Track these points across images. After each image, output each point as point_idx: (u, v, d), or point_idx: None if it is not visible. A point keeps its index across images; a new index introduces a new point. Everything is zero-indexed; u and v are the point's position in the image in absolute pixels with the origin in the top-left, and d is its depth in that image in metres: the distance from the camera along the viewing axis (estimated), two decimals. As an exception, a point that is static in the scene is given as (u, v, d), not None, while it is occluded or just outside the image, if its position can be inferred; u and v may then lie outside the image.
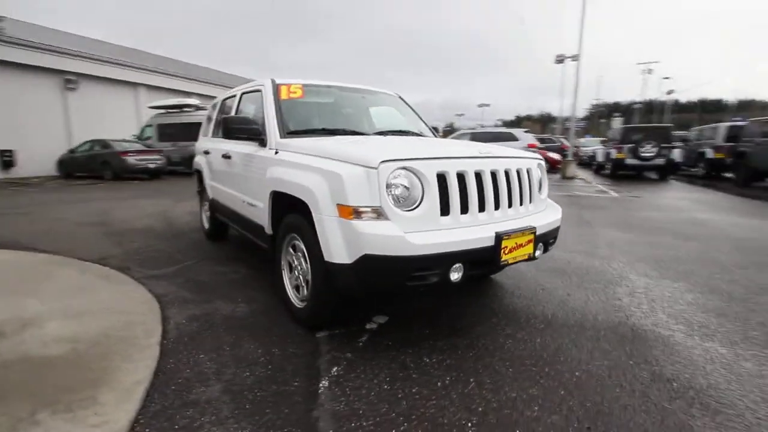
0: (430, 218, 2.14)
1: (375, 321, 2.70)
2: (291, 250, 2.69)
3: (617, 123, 29.11)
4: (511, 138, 12.77)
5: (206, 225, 5.09)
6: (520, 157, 2.64)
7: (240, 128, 3.05)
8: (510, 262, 2.31)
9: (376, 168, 2.05)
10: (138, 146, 14.10)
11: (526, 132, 14.41)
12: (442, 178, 2.18)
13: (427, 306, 2.96)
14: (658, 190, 10.84)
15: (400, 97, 4.12)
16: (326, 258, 2.18)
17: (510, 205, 2.47)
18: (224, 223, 4.69)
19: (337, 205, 2.11)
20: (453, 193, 2.20)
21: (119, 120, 18.03)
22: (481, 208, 2.31)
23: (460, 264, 2.12)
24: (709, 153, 13.20)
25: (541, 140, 16.79)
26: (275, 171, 2.71)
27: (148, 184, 12.41)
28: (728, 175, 12.69)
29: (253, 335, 2.51)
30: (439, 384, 2.01)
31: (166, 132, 15.67)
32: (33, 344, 2.36)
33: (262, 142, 3.05)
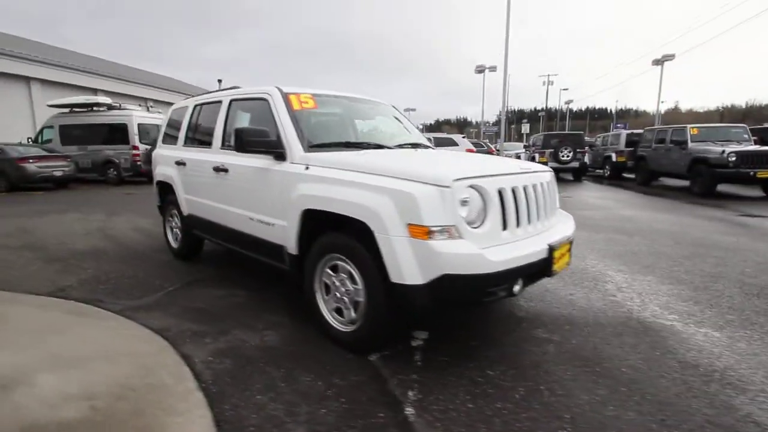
0: (494, 234, 2.19)
1: (417, 337, 2.68)
2: (329, 271, 2.55)
3: (526, 128, 32.07)
4: (452, 143, 13.41)
5: (174, 243, 4.58)
6: (543, 171, 2.82)
7: (257, 141, 2.81)
8: (557, 271, 2.46)
9: (449, 187, 2.05)
10: (38, 151, 12.08)
11: (463, 138, 15.25)
12: (500, 194, 2.25)
13: (456, 316, 3.01)
14: (578, 190, 12.19)
15: (394, 107, 4.12)
16: (394, 279, 2.12)
17: (542, 217, 2.63)
18: (199, 241, 4.29)
19: (408, 224, 2.07)
20: (509, 209, 2.28)
21: (9, 120, 15.30)
22: (529, 221, 2.43)
23: (522, 277, 2.21)
24: (613, 157, 15.22)
25: (475, 145, 17.88)
26: (309, 188, 2.55)
27: (55, 195, 10.73)
28: (629, 175, 14.78)
29: (303, 366, 2.33)
30: (516, 396, 2.07)
31: (72, 134, 13.71)
32: (35, 407, 1.94)
33: (280, 156, 2.84)
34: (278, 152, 2.84)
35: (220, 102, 3.69)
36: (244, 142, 2.81)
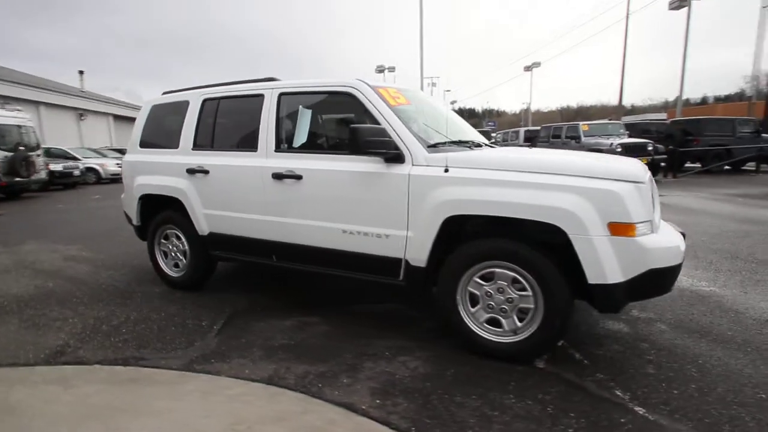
0: (653, 227, 2.29)
1: (553, 336, 2.66)
2: (479, 281, 2.36)
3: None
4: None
5: (173, 271, 3.69)
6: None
7: (374, 141, 2.41)
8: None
9: (644, 183, 2.07)
10: None
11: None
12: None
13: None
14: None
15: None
16: (593, 280, 2.06)
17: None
18: (212, 265, 3.55)
19: (609, 223, 2.03)
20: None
21: None
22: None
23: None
24: (514, 150, 17.19)
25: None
26: (458, 192, 2.30)
27: None
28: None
29: (488, 387, 2.11)
30: (690, 369, 2.21)
31: None
32: None
33: (396, 159, 2.50)
34: (394, 154, 2.49)
35: (259, 96, 3.07)
36: (361, 143, 2.40)
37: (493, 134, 20.98)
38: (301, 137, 2.96)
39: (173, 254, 3.67)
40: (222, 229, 3.26)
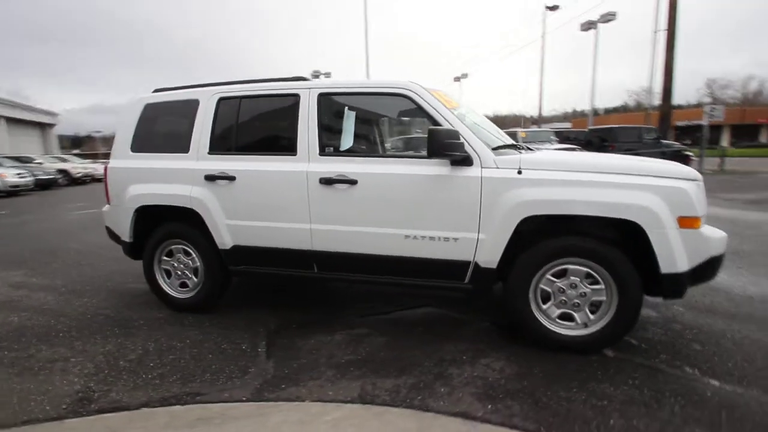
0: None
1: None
2: (552, 278, 2.45)
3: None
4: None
5: (178, 292, 3.27)
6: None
7: (451, 144, 2.37)
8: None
9: (701, 180, 2.32)
10: None
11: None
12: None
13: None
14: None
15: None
16: (665, 270, 2.25)
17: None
18: (228, 282, 3.23)
19: (679, 217, 2.24)
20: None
21: None
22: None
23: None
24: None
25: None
26: (535, 193, 2.36)
27: None
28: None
29: (578, 382, 2.19)
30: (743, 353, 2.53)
31: None
32: None
33: (463, 161, 2.49)
34: (463, 156, 2.48)
35: (293, 96, 2.86)
36: (440, 145, 2.35)
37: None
38: (348, 140, 2.81)
39: (179, 273, 3.24)
40: (250, 241, 2.96)
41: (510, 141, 3.06)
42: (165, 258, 3.26)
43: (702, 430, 1.80)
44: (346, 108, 2.84)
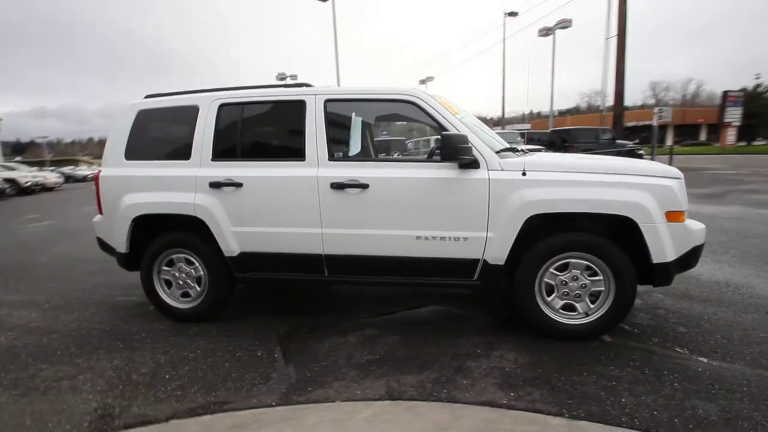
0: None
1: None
2: (555, 272, 2.63)
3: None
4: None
5: (180, 302, 3.20)
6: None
7: (462, 148, 2.50)
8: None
9: (683, 179, 2.58)
10: None
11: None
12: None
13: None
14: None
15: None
16: (656, 260, 2.48)
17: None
18: (232, 290, 3.21)
19: (667, 212, 2.47)
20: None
21: None
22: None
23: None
24: (425, 157, 18.36)
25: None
26: (539, 193, 2.53)
27: None
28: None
29: (587, 366, 2.37)
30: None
31: None
32: None
33: (471, 164, 2.62)
34: (471, 160, 2.61)
35: (299, 102, 2.89)
36: (453, 149, 2.47)
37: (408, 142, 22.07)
38: (356, 145, 2.88)
39: (181, 282, 3.17)
40: (258, 248, 2.96)
41: (506, 144, 3.23)
42: (165, 268, 3.18)
43: (701, 401, 2.02)
44: (353, 114, 2.91)
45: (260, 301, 3.70)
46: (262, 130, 3.07)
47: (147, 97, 3.33)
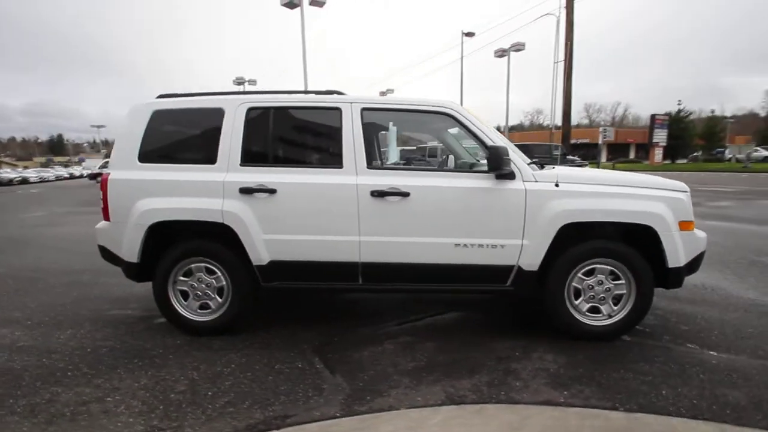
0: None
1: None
2: (583, 276, 2.82)
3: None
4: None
5: (198, 315, 3.01)
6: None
7: (506, 160, 2.62)
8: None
9: (689, 191, 2.89)
10: None
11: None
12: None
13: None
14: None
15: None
16: (671, 265, 2.75)
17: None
18: (254, 298, 3.11)
19: (680, 221, 2.76)
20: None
21: None
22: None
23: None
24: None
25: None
26: (572, 203, 2.71)
27: None
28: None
29: (620, 364, 2.56)
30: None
31: None
32: None
33: (507, 175, 2.75)
34: (509, 171, 2.74)
35: (334, 109, 2.88)
36: (500, 161, 2.59)
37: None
38: (394, 154, 2.92)
39: (200, 293, 2.99)
40: (291, 256, 2.87)
41: (527, 158, 3.44)
42: (181, 278, 2.98)
43: (728, 389, 2.26)
44: (390, 124, 2.95)
45: (276, 311, 3.57)
46: (295, 135, 3.01)
47: (160, 96, 3.14)
